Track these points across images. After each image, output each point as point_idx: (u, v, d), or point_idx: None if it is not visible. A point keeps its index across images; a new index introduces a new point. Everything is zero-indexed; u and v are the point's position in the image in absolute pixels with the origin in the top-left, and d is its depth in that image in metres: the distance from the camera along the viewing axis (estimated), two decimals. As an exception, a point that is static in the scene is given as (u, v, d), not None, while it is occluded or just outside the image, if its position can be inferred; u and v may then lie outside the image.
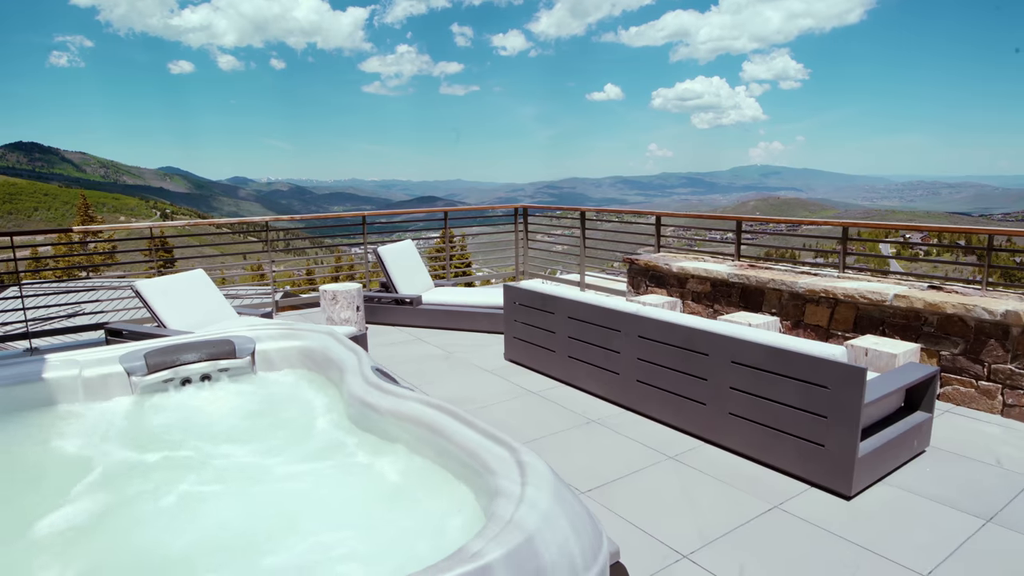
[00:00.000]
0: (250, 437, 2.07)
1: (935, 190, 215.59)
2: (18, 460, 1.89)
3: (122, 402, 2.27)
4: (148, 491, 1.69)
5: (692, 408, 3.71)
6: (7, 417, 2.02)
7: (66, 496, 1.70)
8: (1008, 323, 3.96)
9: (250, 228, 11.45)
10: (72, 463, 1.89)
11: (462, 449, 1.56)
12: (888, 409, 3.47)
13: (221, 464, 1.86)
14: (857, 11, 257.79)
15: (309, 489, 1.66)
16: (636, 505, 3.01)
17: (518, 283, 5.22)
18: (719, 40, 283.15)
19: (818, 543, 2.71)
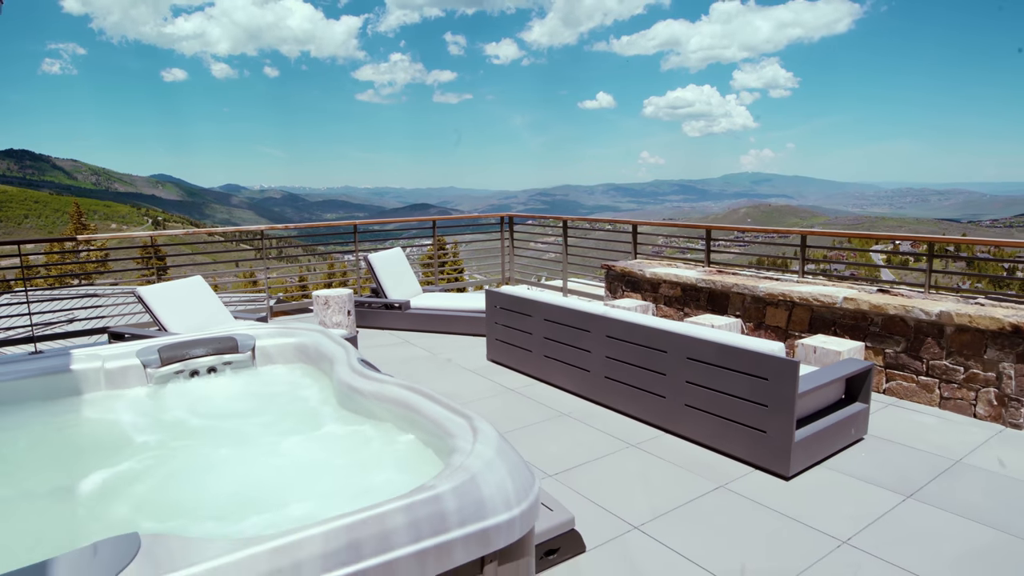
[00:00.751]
0: (252, 415, 2.41)
1: (924, 197, 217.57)
2: (57, 433, 2.23)
3: (139, 390, 2.60)
4: (165, 457, 2.02)
5: (653, 401, 4.07)
6: (46, 400, 2.36)
7: (97, 461, 2.04)
8: (942, 323, 4.34)
9: (245, 236, 11.75)
10: (100, 437, 2.23)
11: (429, 420, 1.90)
12: (828, 400, 3.83)
13: (227, 436, 2.19)
14: (845, 20, 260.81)
15: (304, 453, 1.99)
16: (597, 486, 3.36)
17: (498, 288, 5.56)
18: (709, 49, 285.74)
19: (754, 516, 3.05)
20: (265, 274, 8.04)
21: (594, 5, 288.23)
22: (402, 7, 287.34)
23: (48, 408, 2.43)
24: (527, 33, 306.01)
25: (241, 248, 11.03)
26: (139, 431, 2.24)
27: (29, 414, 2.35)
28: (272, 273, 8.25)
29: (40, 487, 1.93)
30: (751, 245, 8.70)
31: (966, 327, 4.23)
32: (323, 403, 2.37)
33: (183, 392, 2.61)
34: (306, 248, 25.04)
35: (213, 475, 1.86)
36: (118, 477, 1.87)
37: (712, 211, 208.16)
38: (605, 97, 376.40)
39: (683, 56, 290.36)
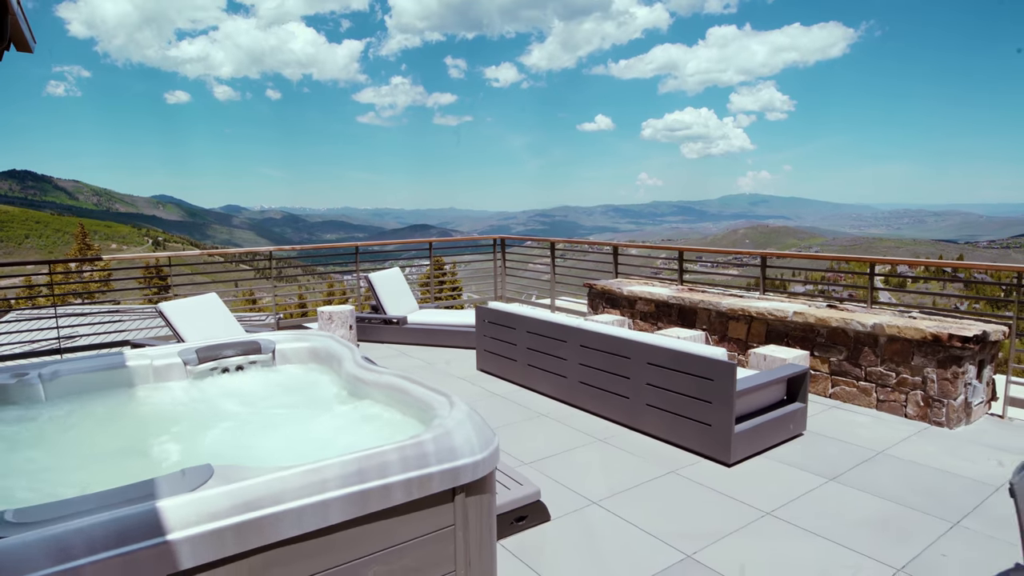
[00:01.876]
0: (274, 401, 2.95)
1: (921, 218, 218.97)
2: (117, 417, 2.78)
3: (181, 383, 3.16)
4: (205, 428, 2.57)
5: (618, 401, 4.62)
6: (108, 389, 2.93)
7: (152, 433, 2.59)
8: (876, 333, 4.91)
9: (253, 257, 12.33)
10: (152, 416, 2.79)
11: (417, 400, 2.45)
12: (770, 400, 4.39)
13: (255, 415, 2.72)
14: (840, 45, 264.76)
15: (318, 425, 2.52)
16: (565, 472, 3.90)
17: (487, 304, 6.13)
18: (706, 73, 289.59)
19: (696, 495, 3.60)
20: (272, 293, 8.61)
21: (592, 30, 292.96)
22: (403, 31, 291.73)
23: (110, 394, 2.99)
24: (526, 57, 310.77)
25: (240, 268, 11.58)
26: (182, 412, 2.80)
27: (96, 398, 2.91)
28: (279, 291, 8.82)
29: (111, 448, 2.49)
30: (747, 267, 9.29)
31: (896, 337, 4.80)
32: (333, 391, 2.92)
33: (216, 384, 3.17)
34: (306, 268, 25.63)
35: (245, 439, 2.40)
36: (170, 442, 2.42)
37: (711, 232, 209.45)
38: (604, 119, 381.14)
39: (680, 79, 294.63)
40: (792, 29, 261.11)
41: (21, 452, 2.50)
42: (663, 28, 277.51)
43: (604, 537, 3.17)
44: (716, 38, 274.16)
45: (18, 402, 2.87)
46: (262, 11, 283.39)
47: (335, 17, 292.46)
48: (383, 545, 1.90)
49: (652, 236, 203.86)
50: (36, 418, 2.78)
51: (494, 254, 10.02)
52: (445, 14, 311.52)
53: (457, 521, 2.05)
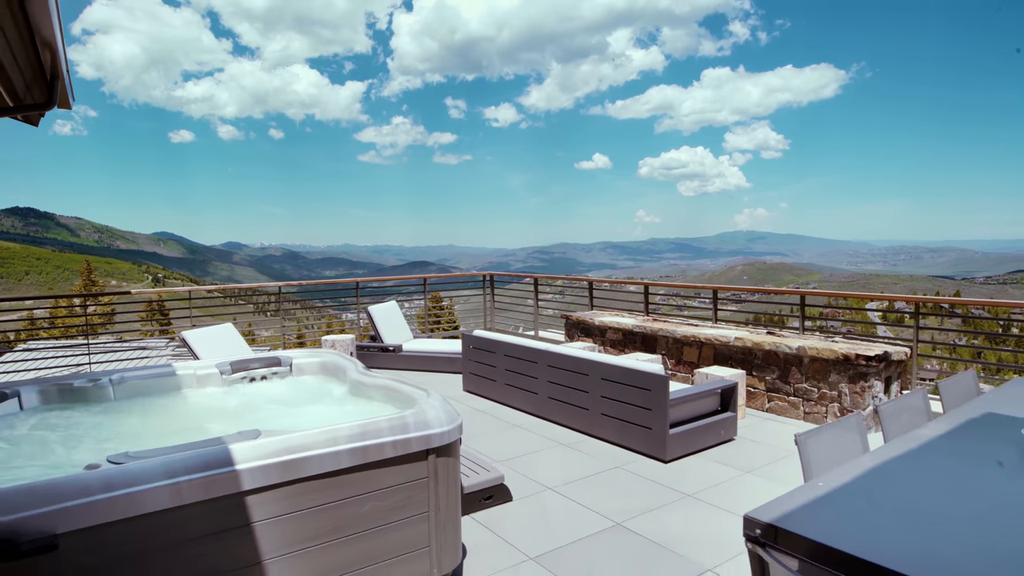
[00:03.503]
0: (293, 400, 3.77)
1: (917, 255, 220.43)
2: (170, 410, 3.61)
3: (218, 388, 3.99)
4: (239, 418, 3.38)
5: (579, 412, 5.44)
6: (160, 392, 3.77)
7: (198, 422, 3.42)
8: (801, 355, 5.75)
9: (246, 293, 13.22)
10: (197, 411, 3.62)
11: (404, 394, 3.28)
12: (705, 409, 5.20)
13: (278, 409, 3.54)
14: (832, 86, 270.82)
15: (328, 416, 3.33)
16: (530, 467, 4.70)
17: (471, 332, 6.97)
18: (702, 113, 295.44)
19: (635, 482, 4.40)
20: (281, 325, 9.45)
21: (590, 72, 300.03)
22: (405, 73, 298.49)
23: (163, 395, 3.81)
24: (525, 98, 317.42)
25: (239, 303, 12.42)
26: (220, 407, 3.62)
27: (152, 398, 3.74)
28: (282, 325, 9.66)
29: (168, 430, 3.31)
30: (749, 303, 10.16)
31: (816, 357, 5.65)
32: (340, 394, 3.73)
33: (246, 389, 3.99)
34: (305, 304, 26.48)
35: (273, 423, 3.20)
36: (214, 426, 3.23)
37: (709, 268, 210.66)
38: (601, 158, 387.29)
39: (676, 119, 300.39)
40: (785, 71, 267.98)
41: (103, 434, 3.32)
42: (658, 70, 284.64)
43: (554, 511, 3.96)
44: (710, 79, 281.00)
45: (95, 401, 3.70)
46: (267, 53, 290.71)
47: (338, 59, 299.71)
48: (377, 487, 2.72)
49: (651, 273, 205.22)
50: (109, 412, 3.61)
51: (483, 290, 10.90)
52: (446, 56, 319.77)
53: (430, 474, 2.87)
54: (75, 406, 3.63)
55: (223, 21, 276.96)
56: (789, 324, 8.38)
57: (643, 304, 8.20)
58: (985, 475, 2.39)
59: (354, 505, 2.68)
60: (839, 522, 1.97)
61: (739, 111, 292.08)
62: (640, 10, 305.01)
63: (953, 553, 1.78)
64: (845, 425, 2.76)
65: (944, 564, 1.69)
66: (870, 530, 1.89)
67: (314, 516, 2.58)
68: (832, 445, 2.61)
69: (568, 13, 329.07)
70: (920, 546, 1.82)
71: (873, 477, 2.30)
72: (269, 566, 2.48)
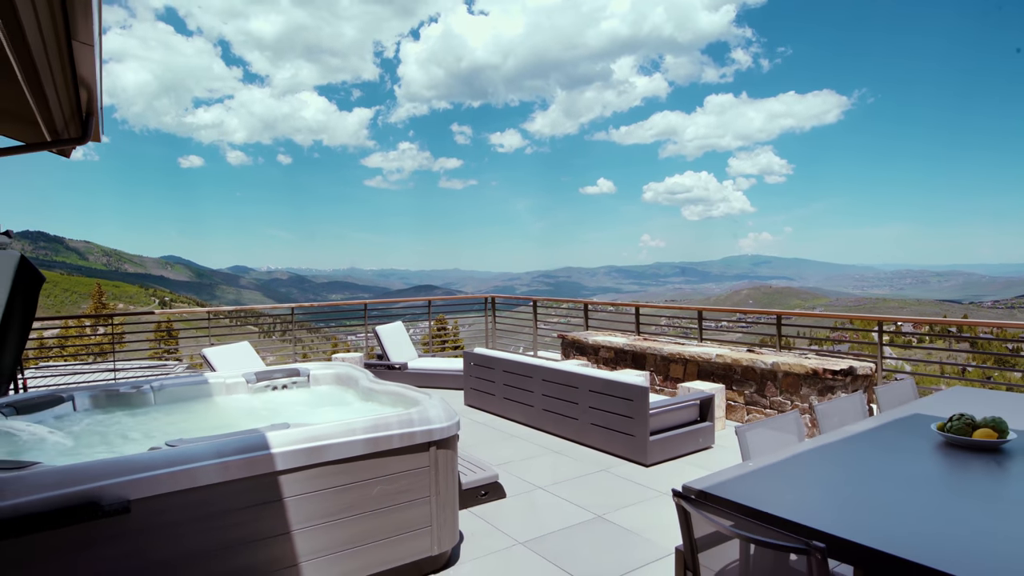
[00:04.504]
0: (311, 404, 4.28)
1: (924, 278, 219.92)
2: (203, 413, 4.12)
3: (244, 395, 4.50)
4: (265, 420, 3.87)
5: (570, 422, 5.91)
6: (194, 398, 4.29)
7: (229, 423, 3.93)
8: (775, 370, 6.23)
9: (258, 314, 13.76)
10: (226, 413, 4.13)
11: (409, 398, 3.77)
12: (685, 419, 5.67)
13: (298, 413, 4.05)
14: (834, 111, 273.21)
15: (342, 415, 3.85)
16: (522, 470, 5.17)
17: (472, 350, 7.47)
18: (705, 138, 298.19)
19: (617, 483, 4.86)
20: (293, 346, 9.97)
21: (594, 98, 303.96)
22: (412, 100, 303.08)
23: (197, 400, 4.33)
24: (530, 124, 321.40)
25: (246, 326, 12.94)
26: (248, 410, 4.13)
27: (188, 402, 4.25)
28: (288, 347, 10.18)
29: (203, 429, 3.83)
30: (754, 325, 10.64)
31: (788, 372, 6.12)
32: (353, 399, 4.24)
33: (269, 396, 4.50)
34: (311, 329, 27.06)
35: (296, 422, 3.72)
36: (245, 425, 3.76)
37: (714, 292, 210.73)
38: (606, 183, 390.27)
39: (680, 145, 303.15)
40: (787, 97, 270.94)
41: (150, 430, 3.83)
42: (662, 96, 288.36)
43: (543, 506, 4.43)
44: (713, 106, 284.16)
45: (138, 405, 4.22)
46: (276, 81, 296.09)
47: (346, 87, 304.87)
48: (386, 472, 3.22)
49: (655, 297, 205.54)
50: (151, 413, 4.13)
51: (485, 312, 11.42)
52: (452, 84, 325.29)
53: (431, 464, 3.37)
54: (121, 408, 4.15)
55: (234, 50, 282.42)
56: (796, 346, 8.84)
57: (634, 325, 8.69)
58: (893, 460, 2.86)
59: (366, 487, 3.17)
60: (755, 488, 2.46)
61: (742, 136, 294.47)
62: (643, 38, 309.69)
63: (843, 509, 2.26)
64: (782, 421, 3.25)
65: (831, 516, 2.17)
66: (778, 494, 2.38)
67: (333, 495, 3.07)
68: (768, 437, 3.10)
69: (572, 41, 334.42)
70: (812, 505, 2.30)
71: (795, 460, 2.79)
72: (296, 536, 2.97)
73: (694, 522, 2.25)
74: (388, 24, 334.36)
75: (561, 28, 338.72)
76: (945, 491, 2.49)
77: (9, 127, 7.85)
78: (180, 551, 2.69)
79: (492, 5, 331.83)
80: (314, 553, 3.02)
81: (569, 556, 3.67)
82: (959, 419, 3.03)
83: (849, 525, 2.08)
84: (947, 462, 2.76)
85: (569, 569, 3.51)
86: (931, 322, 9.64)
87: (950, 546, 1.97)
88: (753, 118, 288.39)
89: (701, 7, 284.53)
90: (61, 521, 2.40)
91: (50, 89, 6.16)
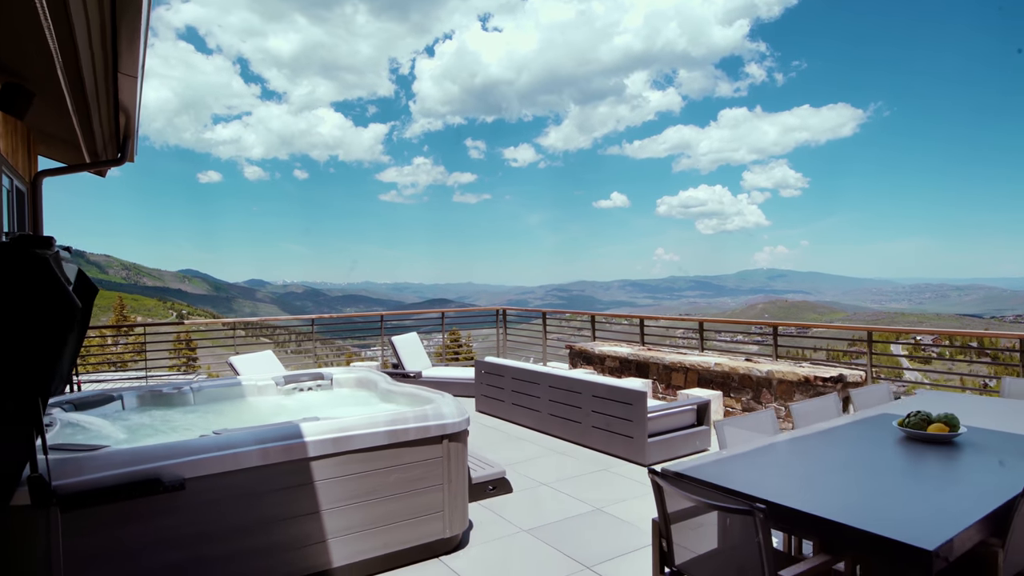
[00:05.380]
0: (333, 405, 4.70)
1: (943, 293, 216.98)
2: (238, 411, 4.56)
3: (274, 396, 4.94)
4: (294, 416, 4.31)
5: (573, 426, 6.28)
6: (229, 399, 4.73)
7: (261, 421, 4.36)
8: (770, 378, 6.56)
9: (262, 328, 14.28)
10: (258, 411, 4.57)
11: (424, 399, 4.18)
12: (683, 423, 6.02)
13: (324, 410, 4.49)
14: (850, 125, 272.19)
15: (365, 411, 4.27)
16: (528, 469, 5.54)
17: (483, 359, 7.87)
18: (719, 152, 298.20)
19: (617, 480, 5.22)
20: (314, 356, 10.43)
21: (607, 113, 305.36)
22: (426, 116, 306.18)
23: (232, 400, 4.77)
24: (543, 138, 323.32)
25: (260, 339, 13.45)
26: (278, 409, 4.56)
27: (223, 402, 4.70)
28: (302, 358, 10.64)
29: (241, 422, 4.25)
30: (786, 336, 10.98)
31: (782, 379, 6.46)
32: (372, 399, 4.66)
33: (296, 397, 4.93)
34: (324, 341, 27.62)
35: (328, 418, 4.14)
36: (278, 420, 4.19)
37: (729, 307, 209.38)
38: (619, 197, 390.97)
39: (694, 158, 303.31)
40: (802, 111, 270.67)
41: (193, 424, 4.27)
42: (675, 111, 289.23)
43: (546, 499, 4.80)
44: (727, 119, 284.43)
45: (180, 404, 4.67)
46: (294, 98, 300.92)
47: (362, 103, 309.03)
48: (403, 461, 3.62)
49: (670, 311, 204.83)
50: (189, 413, 4.57)
51: (496, 323, 11.83)
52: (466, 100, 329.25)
53: (443, 455, 3.76)
54: (165, 407, 4.60)
55: (252, 67, 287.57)
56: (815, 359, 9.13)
57: (639, 335, 9.06)
58: (854, 450, 3.22)
59: (385, 474, 3.58)
60: (723, 470, 2.83)
61: (757, 150, 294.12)
62: (657, 53, 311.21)
63: (798, 488, 2.62)
64: (759, 417, 3.62)
65: (785, 492, 2.54)
66: (743, 474, 2.75)
67: (356, 480, 3.48)
68: (744, 431, 3.47)
69: (586, 57, 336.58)
70: (769, 483, 2.67)
71: (764, 450, 3.16)
72: (324, 515, 3.38)
73: (667, 496, 2.62)
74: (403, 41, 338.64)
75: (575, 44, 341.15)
76: (899, 475, 2.85)
77: (54, 150, 8.42)
78: (225, 525, 3.11)
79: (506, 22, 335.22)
80: (340, 531, 3.42)
81: (568, 541, 4.03)
82: (916, 415, 3.38)
83: (801, 500, 2.45)
84: (903, 452, 3.12)
85: (568, 552, 3.88)
86: (918, 332, 9.88)
87: (897, 515, 2.34)
88: (767, 131, 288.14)
89: (715, 22, 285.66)
90: (130, 494, 2.83)
91: (95, 117, 6.68)
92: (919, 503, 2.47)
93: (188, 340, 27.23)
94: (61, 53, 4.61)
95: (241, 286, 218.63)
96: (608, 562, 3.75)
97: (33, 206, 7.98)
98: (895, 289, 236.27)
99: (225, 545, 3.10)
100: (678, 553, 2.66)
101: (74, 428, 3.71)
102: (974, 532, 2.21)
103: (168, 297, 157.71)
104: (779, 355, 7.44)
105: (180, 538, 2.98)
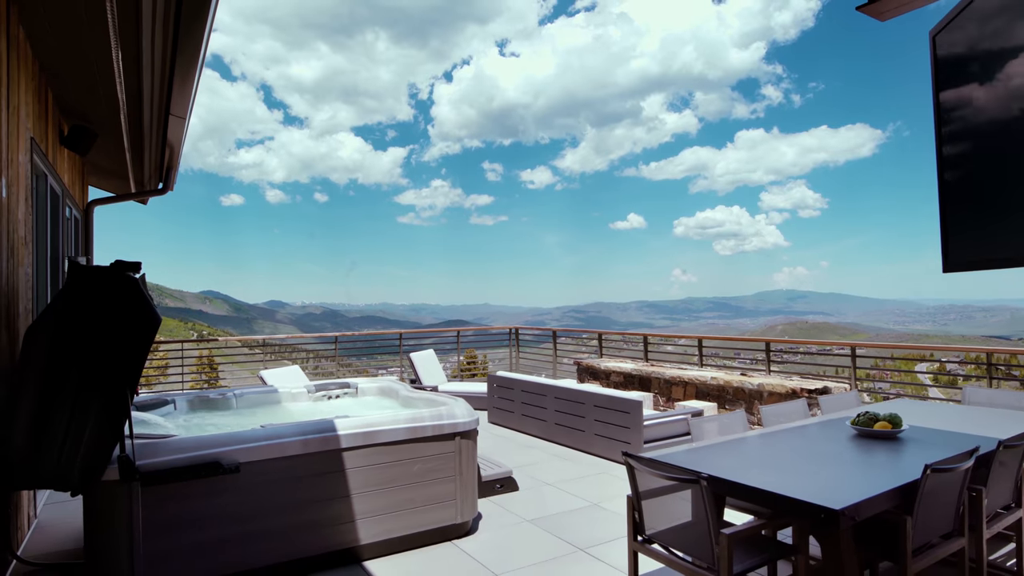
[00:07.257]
0: (359, 409, 5.30)
1: (968, 314, 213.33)
2: (274, 415, 5.17)
3: (305, 402, 5.55)
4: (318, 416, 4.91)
5: (577, 433, 6.80)
6: (267, 404, 5.35)
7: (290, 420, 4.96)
8: (761, 390, 7.05)
9: (283, 346, 14.97)
10: (290, 414, 5.17)
11: (439, 403, 4.76)
12: (678, 431, 6.52)
13: (349, 412, 5.09)
14: (869, 145, 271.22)
15: (383, 412, 4.85)
16: (534, 471, 6.07)
17: (495, 373, 8.43)
18: (736, 173, 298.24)
19: (614, 482, 5.73)
20: (337, 371, 11.05)
21: (624, 135, 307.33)
22: (444, 139, 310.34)
23: (269, 406, 5.38)
24: (560, 161, 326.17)
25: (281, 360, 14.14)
26: (312, 411, 5.17)
27: (262, 407, 5.32)
28: (324, 373, 11.26)
29: (282, 429, 4.86)
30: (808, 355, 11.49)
31: (773, 391, 6.94)
32: (394, 405, 5.25)
33: (326, 403, 5.54)
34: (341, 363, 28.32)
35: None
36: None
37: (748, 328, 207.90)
38: (636, 218, 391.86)
39: (711, 179, 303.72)
40: (820, 131, 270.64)
41: (235, 425, 4.87)
42: (692, 132, 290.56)
43: (549, 496, 5.33)
44: (744, 141, 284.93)
45: (224, 408, 5.29)
46: (315, 123, 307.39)
47: (381, 127, 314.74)
48: (421, 455, 4.19)
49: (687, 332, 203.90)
50: (235, 414, 5.18)
51: (509, 342, 12.39)
52: (484, 123, 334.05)
53: (456, 450, 4.33)
54: (212, 410, 5.22)
55: (275, 94, 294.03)
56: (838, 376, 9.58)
57: (643, 352, 9.57)
58: (807, 443, 3.73)
59: (405, 465, 4.14)
60: (688, 456, 3.36)
61: (774, 171, 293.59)
62: (673, 76, 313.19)
63: (748, 468, 3.15)
64: (731, 416, 4.14)
65: (738, 473, 3.07)
66: (707, 460, 3.28)
67: (381, 469, 4.05)
68: (716, 427, 3.99)
69: (602, 80, 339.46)
70: (724, 464, 3.20)
71: (730, 443, 3.68)
72: (353, 498, 3.95)
73: (637, 475, 3.16)
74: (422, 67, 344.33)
75: (591, 68, 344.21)
76: (841, 463, 3.36)
77: (106, 182, 9.22)
78: (271, 504, 3.69)
79: (523, 47, 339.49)
80: (367, 513, 3.99)
81: (566, 530, 4.56)
82: (865, 415, 3.89)
83: (747, 478, 2.98)
84: (851, 446, 3.63)
85: (566, 538, 4.40)
86: (900, 347, 10.25)
87: (823, 488, 2.86)
88: (785, 152, 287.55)
89: (731, 45, 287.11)
90: (196, 474, 3.43)
91: (146, 153, 7.45)
92: (846, 480, 2.99)
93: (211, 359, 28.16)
94: (127, 101, 5.32)
95: (261, 307, 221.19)
96: (600, 546, 4.27)
97: (85, 231, 8.76)
98: (918, 310, 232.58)
99: (272, 520, 3.68)
100: (649, 524, 3.19)
101: (138, 424, 4.33)
102: (883, 500, 2.73)
103: (189, 318, 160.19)
104: (771, 370, 7.91)
105: (235, 513, 3.57)
